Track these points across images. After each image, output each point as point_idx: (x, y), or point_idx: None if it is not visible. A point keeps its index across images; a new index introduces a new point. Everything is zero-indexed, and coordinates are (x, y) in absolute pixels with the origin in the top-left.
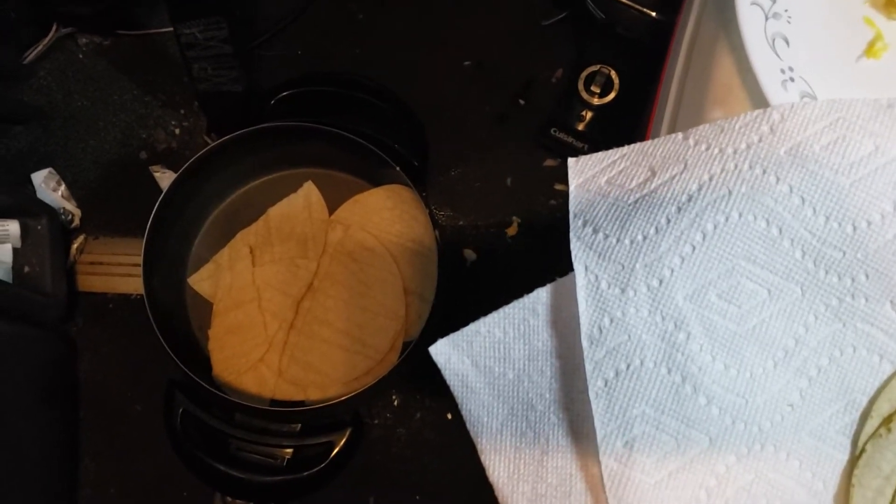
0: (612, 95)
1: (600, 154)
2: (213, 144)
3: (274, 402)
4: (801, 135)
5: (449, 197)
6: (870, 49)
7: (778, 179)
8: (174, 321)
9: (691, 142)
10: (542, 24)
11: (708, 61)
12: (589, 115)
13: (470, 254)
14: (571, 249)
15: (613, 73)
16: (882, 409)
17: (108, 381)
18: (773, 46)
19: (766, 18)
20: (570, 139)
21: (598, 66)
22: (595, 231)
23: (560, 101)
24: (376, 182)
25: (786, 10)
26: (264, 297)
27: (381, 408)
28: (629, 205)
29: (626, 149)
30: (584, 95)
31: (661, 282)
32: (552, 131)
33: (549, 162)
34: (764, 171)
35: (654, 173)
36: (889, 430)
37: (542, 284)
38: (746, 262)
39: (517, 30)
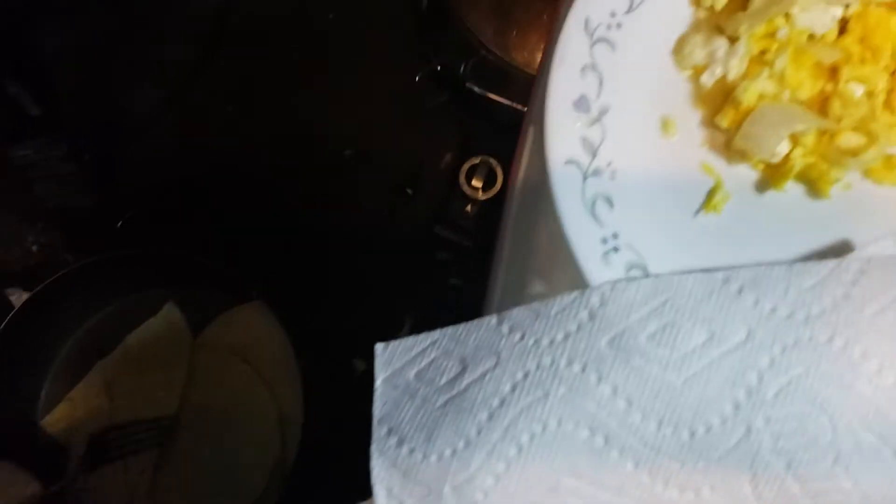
0: (497, 188)
1: (411, 340)
2: (58, 274)
3: None
4: (623, 322)
5: (336, 301)
6: (709, 202)
7: (600, 378)
8: None
9: (505, 329)
10: (426, 107)
11: (531, 223)
12: (474, 209)
13: (360, 363)
14: (372, 467)
15: (497, 165)
16: None
17: None
18: (593, 211)
19: (585, 178)
20: (455, 237)
21: (479, 159)
22: (400, 443)
23: (443, 196)
24: (246, 296)
25: (609, 164)
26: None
27: None
28: (437, 409)
29: (437, 333)
30: (466, 189)
31: None
32: (436, 230)
33: (443, 255)
34: (584, 369)
35: (465, 367)
36: None
37: None
38: (571, 477)
39: (401, 113)
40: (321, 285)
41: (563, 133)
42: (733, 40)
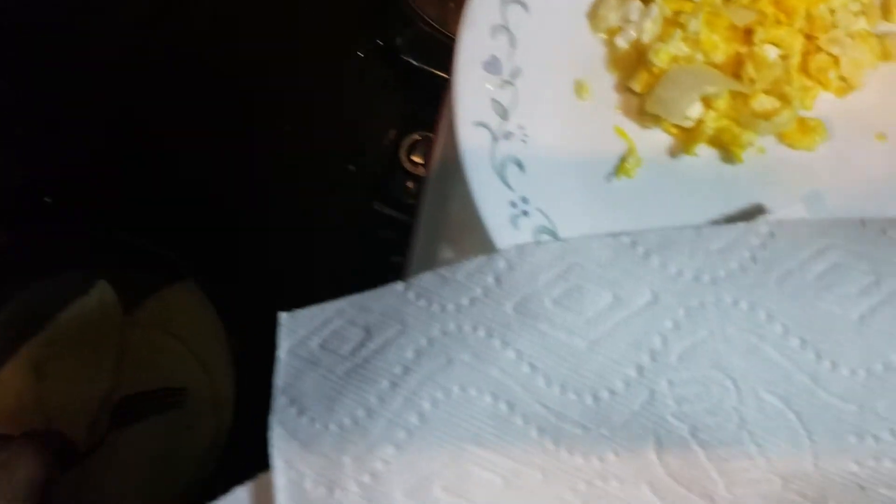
0: None
1: (316, 308)
2: None
3: None
4: (529, 287)
5: (274, 279)
6: (621, 167)
7: (504, 344)
8: None
9: (411, 295)
10: (369, 81)
11: (445, 189)
12: (415, 186)
13: None
14: (271, 438)
15: None
16: None
17: None
18: (503, 174)
19: (496, 140)
20: (396, 214)
21: (420, 135)
22: (300, 413)
23: (383, 172)
24: (179, 275)
25: (521, 127)
26: (53, 421)
27: None
28: (339, 378)
29: (343, 301)
30: (407, 165)
31: (373, 477)
32: (375, 206)
33: (385, 233)
34: (488, 334)
35: (369, 335)
36: None
37: None
38: (474, 445)
39: (343, 88)
40: (257, 263)
41: (472, 94)
42: (647, 2)
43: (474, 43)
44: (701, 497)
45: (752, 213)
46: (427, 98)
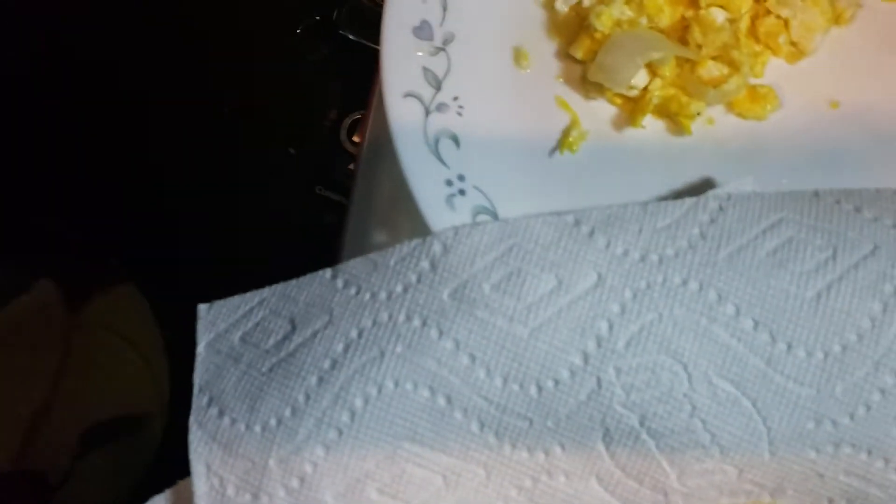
0: None
1: (237, 299)
2: None
3: None
4: (467, 271)
5: (215, 269)
6: (564, 141)
7: (441, 333)
8: None
9: (339, 283)
10: (310, 61)
11: (376, 167)
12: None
13: None
14: (190, 442)
15: None
16: None
17: None
18: (437, 150)
19: (428, 112)
20: (338, 197)
21: (361, 115)
22: (221, 413)
23: (325, 155)
24: (119, 271)
25: (455, 99)
26: None
27: None
28: (263, 375)
29: (266, 291)
30: (349, 147)
31: (302, 481)
32: (317, 190)
33: (329, 218)
34: (424, 323)
35: (294, 328)
36: None
37: None
38: (411, 443)
39: (283, 67)
40: (195, 253)
41: (401, 62)
42: None
43: (403, 6)
44: (653, 490)
45: (701, 188)
46: (368, 75)
